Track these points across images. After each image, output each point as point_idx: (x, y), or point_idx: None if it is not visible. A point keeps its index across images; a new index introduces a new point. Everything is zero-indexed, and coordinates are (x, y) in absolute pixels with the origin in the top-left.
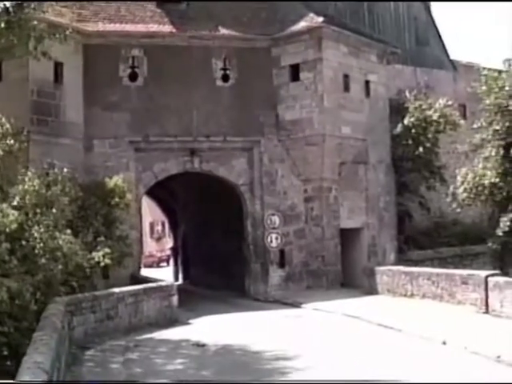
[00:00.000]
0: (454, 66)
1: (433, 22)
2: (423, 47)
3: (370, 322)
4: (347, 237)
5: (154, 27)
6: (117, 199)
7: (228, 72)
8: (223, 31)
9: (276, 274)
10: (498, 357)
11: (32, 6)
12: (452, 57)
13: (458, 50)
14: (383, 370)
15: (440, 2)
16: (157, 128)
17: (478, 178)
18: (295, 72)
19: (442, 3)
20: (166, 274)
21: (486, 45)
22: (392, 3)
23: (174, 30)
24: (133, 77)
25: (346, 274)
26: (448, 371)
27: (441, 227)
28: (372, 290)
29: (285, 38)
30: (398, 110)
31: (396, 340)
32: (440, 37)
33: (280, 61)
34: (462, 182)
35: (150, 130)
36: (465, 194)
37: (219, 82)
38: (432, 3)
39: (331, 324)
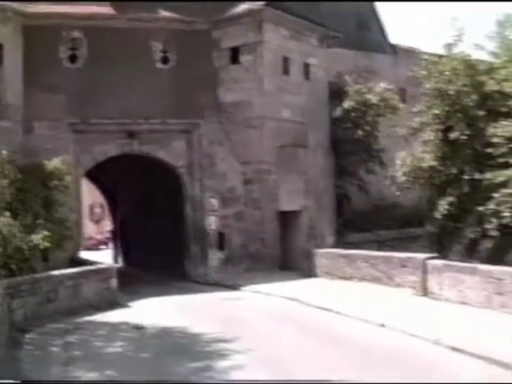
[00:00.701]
0: (394, 50)
1: (374, 6)
2: (364, 31)
3: (308, 305)
4: (286, 220)
5: (94, 9)
6: (56, 181)
7: (168, 54)
8: (163, 13)
9: (215, 257)
10: (437, 339)
11: None
12: (393, 41)
13: (398, 35)
14: (322, 352)
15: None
16: (96, 110)
17: (416, 162)
18: (235, 55)
19: None
20: (105, 257)
21: (427, 29)
22: None
23: (114, 12)
24: (73, 59)
25: (285, 256)
26: (386, 354)
27: (380, 210)
28: (311, 273)
29: (225, 20)
30: (337, 93)
31: (335, 322)
32: (381, 21)
33: (220, 43)
34: (401, 166)
35: (89, 112)
36: (404, 178)
37: (159, 65)
38: None
39: (270, 306)
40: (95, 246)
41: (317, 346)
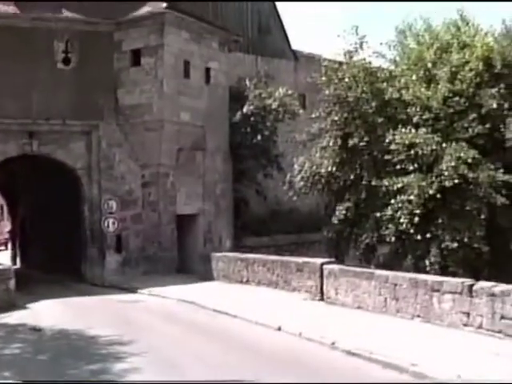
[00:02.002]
0: (295, 55)
1: (276, 10)
2: (265, 36)
3: (205, 308)
4: (184, 223)
5: None
6: None
7: (70, 55)
8: (67, 14)
9: (113, 259)
10: (333, 343)
11: None
12: (294, 47)
13: (300, 41)
14: (219, 355)
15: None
16: None
17: (315, 167)
18: (136, 57)
19: None
20: (3, 258)
21: (328, 36)
22: None
23: (17, 11)
24: None
25: (183, 259)
26: (284, 358)
27: (277, 215)
28: (208, 276)
29: (128, 22)
30: (237, 97)
31: (232, 325)
32: (283, 26)
33: (122, 45)
34: (300, 171)
35: None
36: (302, 183)
37: (60, 65)
38: None
39: (167, 309)
40: None
41: (214, 348)
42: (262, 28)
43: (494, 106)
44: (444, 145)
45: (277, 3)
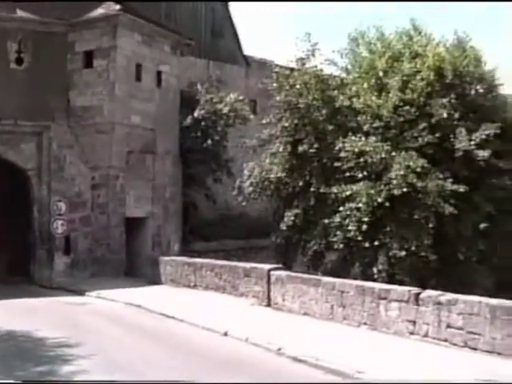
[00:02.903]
0: (247, 61)
1: (229, 15)
2: (218, 40)
3: (152, 312)
4: (133, 225)
5: None
6: None
7: (22, 55)
8: (21, 13)
9: (61, 261)
10: (279, 349)
11: None
12: (246, 52)
13: (252, 46)
14: (165, 358)
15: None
16: None
17: (264, 173)
18: (89, 58)
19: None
20: None
21: (281, 42)
22: None
23: None
24: None
25: (131, 262)
26: (230, 363)
27: (226, 220)
28: (156, 280)
29: (81, 23)
30: (188, 102)
31: (178, 329)
32: (235, 31)
33: (75, 46)
34: (249, 176)
35: None
36: (251, 188)
37: (13, 65)
38: None
39: (114, 312)
40: None
41: (161, 352)
42: (215, 31)
43: (445, 115)
44: (393, 153)
45: (237, 4)
